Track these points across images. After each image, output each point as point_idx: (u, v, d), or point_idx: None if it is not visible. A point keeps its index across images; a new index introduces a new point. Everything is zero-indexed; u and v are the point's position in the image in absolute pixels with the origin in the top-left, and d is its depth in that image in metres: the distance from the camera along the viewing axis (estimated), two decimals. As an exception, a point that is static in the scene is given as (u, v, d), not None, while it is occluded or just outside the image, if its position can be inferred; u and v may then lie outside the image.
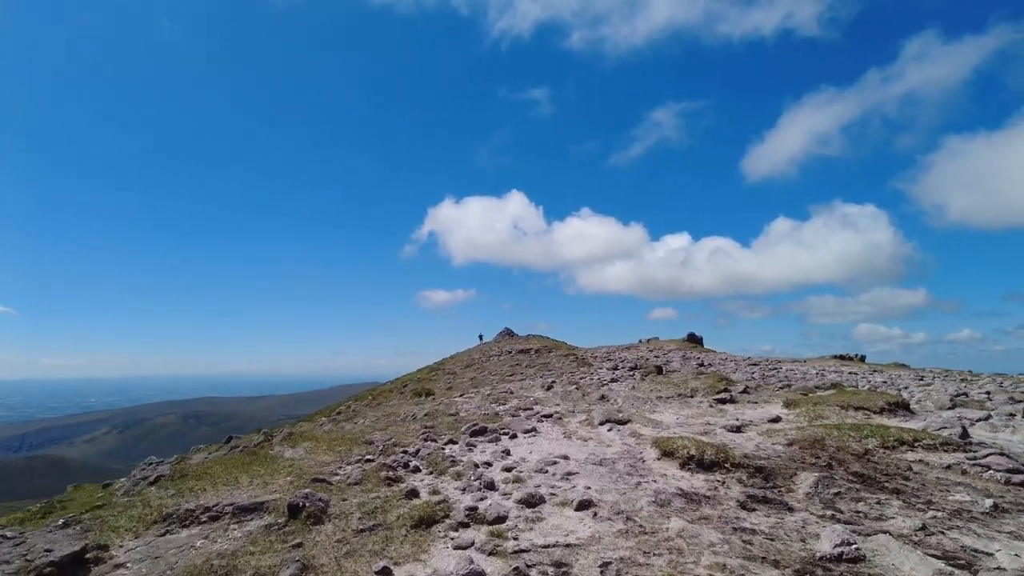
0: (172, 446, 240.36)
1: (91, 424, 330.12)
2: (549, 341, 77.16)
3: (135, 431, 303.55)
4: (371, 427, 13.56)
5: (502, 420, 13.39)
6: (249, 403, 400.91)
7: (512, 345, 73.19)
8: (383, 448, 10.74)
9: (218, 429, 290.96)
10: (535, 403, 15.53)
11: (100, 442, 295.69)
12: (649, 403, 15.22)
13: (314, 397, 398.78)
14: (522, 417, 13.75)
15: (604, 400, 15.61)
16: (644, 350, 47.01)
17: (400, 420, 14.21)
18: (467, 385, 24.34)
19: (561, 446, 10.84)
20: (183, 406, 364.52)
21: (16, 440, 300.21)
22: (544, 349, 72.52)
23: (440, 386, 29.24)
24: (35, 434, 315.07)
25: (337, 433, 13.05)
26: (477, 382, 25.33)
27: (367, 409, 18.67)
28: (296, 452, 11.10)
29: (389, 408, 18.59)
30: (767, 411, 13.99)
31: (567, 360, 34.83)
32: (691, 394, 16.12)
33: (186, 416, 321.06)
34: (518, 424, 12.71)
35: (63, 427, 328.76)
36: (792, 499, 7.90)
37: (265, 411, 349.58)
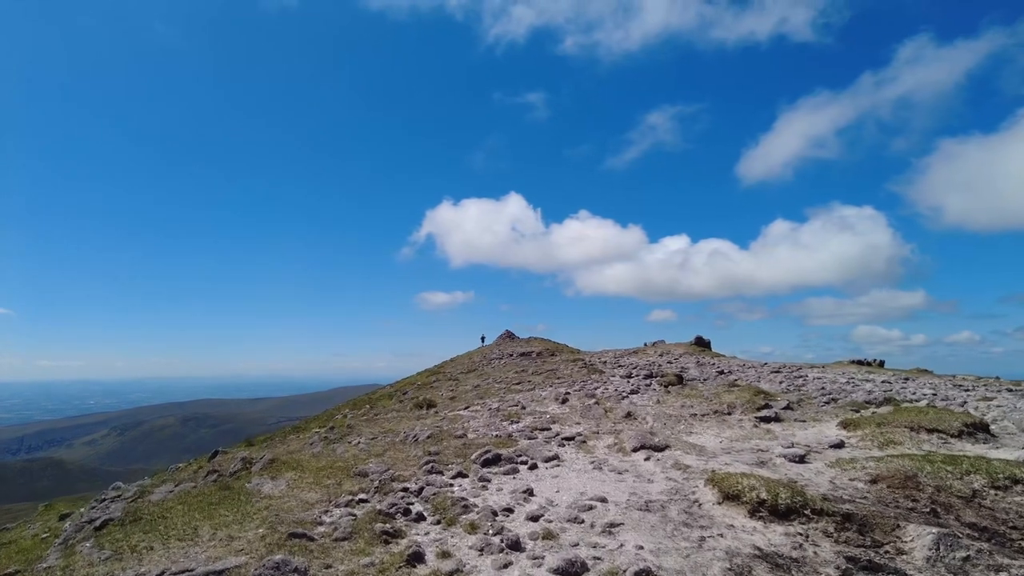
0: (171, 448, 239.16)
1: (90, 426, 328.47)
2: (551, 344, 75.32)
3: (134, 433, 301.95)
4: (366, 451, 11.76)
5: (517, 444, 11.57)
6: (248, 405, 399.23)
7: (513, 348, 71.29)
8: (379, 484, 8.92)
9: (217, 431, 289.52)
10: (552, 421, 13.71)
11: (99, 444, 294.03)
12: (683, 422, 13.41)
13: (312, 400, 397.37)
14: (540, 440, 11.93)
15: (631, 418, 13.79)
16: (653, 355, 45.13)
17: (400, 442, 12.40)
18: (472, 395, 22.51)
19: (594, 482, 9.03)
20: (182, 408, 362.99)
21: (15, 442, 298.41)
22: (547, 352, 70.66)
23: (442, 395, 27.43)
24: (34, 436, 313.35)
25: (327, 459, 11.25)
26: (482, 392, 23.52)
27: (364, 425, 16.87)
28: (276, 486, 9.31)
29: (387, 423, 16.77)
30: (822, 433, 12.17)
31: (575, 366, 32.97)
32: (728, 410, 14.31)
33: (185, 418, 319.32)
34: (537, 450, 10.90)
35: (62, 429, 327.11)
36: (909, 566, 6.08)
37: (264, 413, 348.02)
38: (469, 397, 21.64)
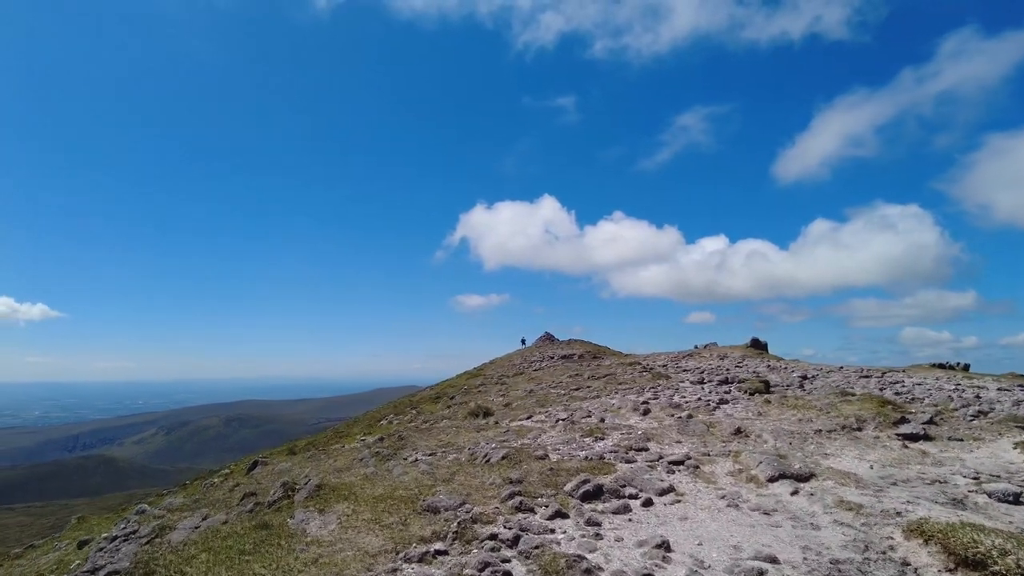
0: (215, 448, 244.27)
1: (139, 425, 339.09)
2: (592, 346, 72.75)
3: (180, 433, 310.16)
4: (430, 473, 9.71)
5: (615, 469, 9.35)
6: (289, 406, 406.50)
7: (554, 350, 69.01)
8: (458, 527, 6.82)
9: (259, 432, 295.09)
10: (646, 438, 11.42)
11: (148, 443, 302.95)
12: (810, 440, 10.96)
13: (351, 401, 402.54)
14: (641, 464, 9.68)
15: (742, 435, 11.41)
16: (711, 358, 42.14)
17: (468, 462, 10.31)
18: (531, 403, 20.35)
19: (740, 527, 6.75)
20: (226, 409, 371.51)
21: (71, 440, 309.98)
22: (588, 355, 68.20)
23: (493, 400, 25.37)
24: (88, 434, 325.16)
25: (384, 483, 9.24)
26: (541, 399, 21.34)
27: (417, 436, 14.88)
28: (326, 523, 7.33)
29: (444, 435, 14.75)
30: (999, 456, 9.60)
31: (633, 370, 30.43)
32: (856, 425, 11.80)
33: (229, 419, 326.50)
34: (644, 478, 8.67)
35: (114, 428, 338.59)
36: None
37: (304, 414, 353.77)
38: (528, 405, 19.48)
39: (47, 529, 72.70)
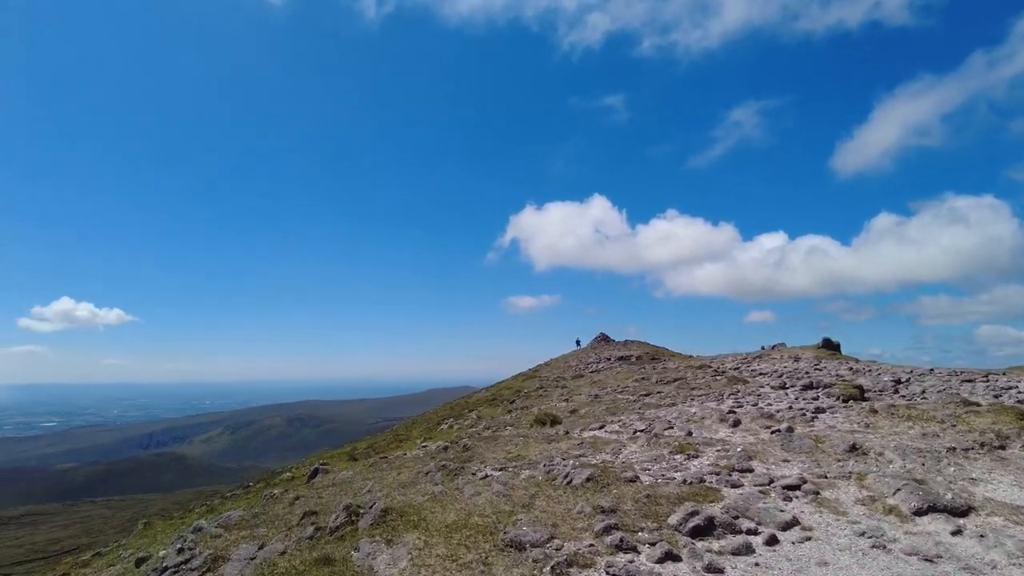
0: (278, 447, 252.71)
1: (206, 425, 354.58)
2: (650, 347, 70.48)
3: (245, 432, 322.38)
4: (505, 495, 8.66)
5: (722, 495, 8.05)
6: (348, 406, 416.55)
7: (611, 352, 67.19)
8: (552, 571, 5.73)
9: (320, 431, 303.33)
10: (747, 456, 10.01)
11: (215, 442, 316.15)
12: (945, 461, 9.32)
13: (407, 401, 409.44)
14: (750, 488, 8.33)
15: (859, 452, 9.86)
16: (785, 360, 39.66)
17: (546, 481, 9.20)
18: (599, 410, 19.08)
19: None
20: (288, 409, 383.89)
21: (145, 438, 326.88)
22: (647, 356, 66.01)
23: (556, 405, 24.21)
24: (161, 433, 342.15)
25: (455, 506, 8.26)
26: (610, 406, 20.04)
27: (483, 446, 13.91)
28: (395, 558, 6.40)
29: (512, 446, 13.72)
30: None
31: (705, 374, 28.65)
32: (999, 443, 10.04)
33: (290, 419, 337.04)
34: (759, 508, 7.36)
35: (183, 427, 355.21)
36: None
37: (363, 414, 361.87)
38: (598, 413, 18.21)
39: (125, 522, 76.08)
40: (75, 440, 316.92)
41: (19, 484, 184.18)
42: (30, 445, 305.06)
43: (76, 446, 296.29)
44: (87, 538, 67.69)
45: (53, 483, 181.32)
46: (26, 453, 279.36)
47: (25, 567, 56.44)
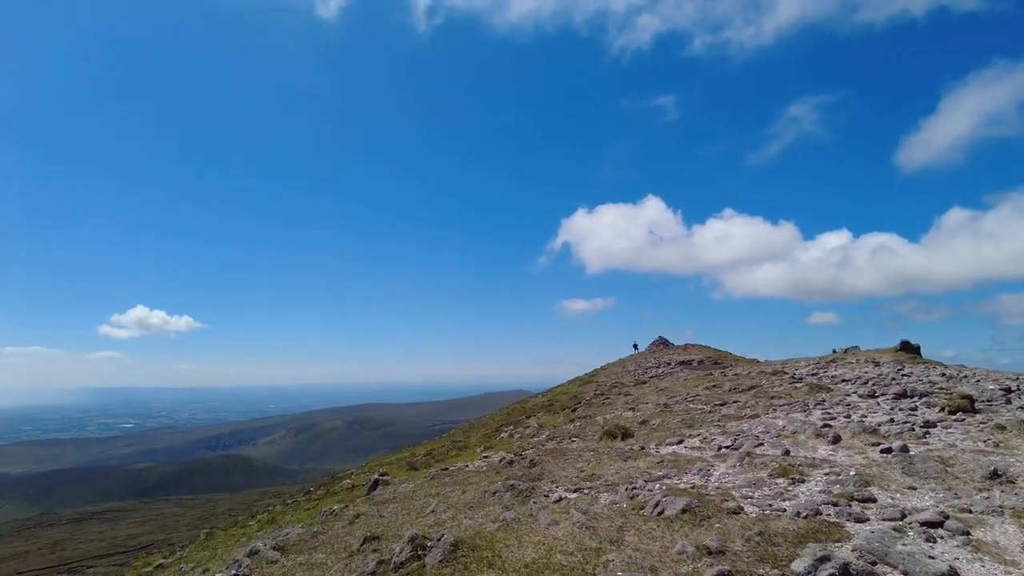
0: (339, 449, 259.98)
1: (270, 428, 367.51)
2: (712, 351, 67.62)
3: (307, 435, 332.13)
4: (587, 526, 7.63)
5: (848, 532, 6.76)
6: (405, 409, 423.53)
7: (671, 356, 64.80)
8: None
9: (379, 434, 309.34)
10: (863, 482, 8.60)
11: (278, 444, 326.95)
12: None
13: (462, 404, 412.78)
14: (880, 524, 7.00)
15: (1004, 481, 8.31)
16: (862, 364, 36.90)
17: (634, 511, 8.10)
18: (674, 422, 17.73)
19: None
20: (348, 412, 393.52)
21: (214, 440, 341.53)
22: (709, 360, 63.32)
23: (624, 415, 22.95)
24: (228, 435, 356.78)
25: (532, 540, 7.29)
26: (685, 418, 18.66)
27: (551, 461, 12.88)
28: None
29: (582, 463, 12.66)
30: None
31: (781, 380, 26.71)
32: None
33: (351, 422, 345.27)
34: (901, 552, 6.06)
35: (249, 430, 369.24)
36: None
37: (420, 417, 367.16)
38: (672, 425, 16.87)
39: (196, 520, 79.03)
40: (150, 441, 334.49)
41: (100, 482, 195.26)
42: (110, 445, 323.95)
43: (151, 447, 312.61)
44: (162, 535, 70.65)
45: (131, 481, 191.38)
46: (106, 453, 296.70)
47: (107, 560, 59.21)
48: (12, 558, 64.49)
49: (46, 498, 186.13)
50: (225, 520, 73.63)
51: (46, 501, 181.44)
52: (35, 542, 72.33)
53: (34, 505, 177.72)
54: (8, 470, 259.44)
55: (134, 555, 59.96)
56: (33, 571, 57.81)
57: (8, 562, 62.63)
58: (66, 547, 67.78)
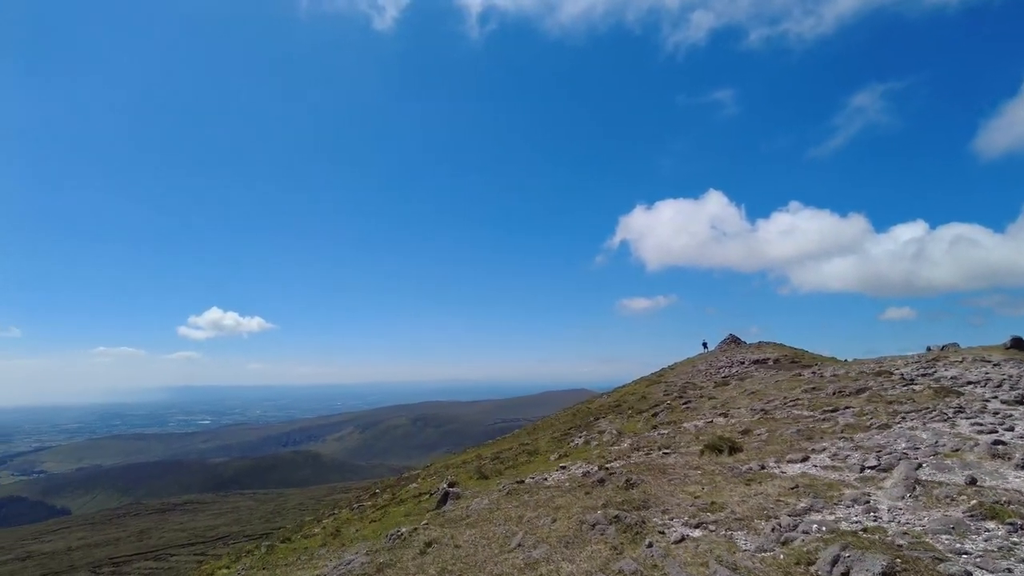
0: (404, 446, 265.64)
1: (338, 425, 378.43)
2: (788, 349, 63.10)
3: (373, 432, 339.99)
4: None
5: None
6: (468, 407, 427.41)
7: (744, 355, 60.81)
8: None
9: (441, 431, 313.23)
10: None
11: (346, 441, 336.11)
12: None
13: (522, 403, 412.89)
14: None
15: None
16: (972, 362, 32.64)
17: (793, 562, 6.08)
18: (788, 432, 15.24)
19: None
20: (412, 410, 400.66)
21: (284, 436, 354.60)
22: (785, 359, 58.87)
23: (716, 422, 20.55)
24: (297, 432, 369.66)
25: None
26: (798, 428, 16.16)
27: (651, 482, 10.85)
28: None
29: (695, 485, 10.59)
30: None
31: (891, 383, 23.44)
32: None
33: (415, 419, 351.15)
34: None
35: (318, 427, 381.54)
36: None
37: (482, 415, 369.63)
38: (787, 436, 14.41)
39: (268, 514, 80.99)
40: (225, 437, 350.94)
41: (181, 475, 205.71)
42: (188, 441, 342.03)
43: (226, 442, 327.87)
44: (237, 527, 72.81)
45: (208, 475, 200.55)
46: (185, 448, 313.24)
47: (188, 550, 61.38)
48: (105, 544, 68.05)
49: (134, 489, 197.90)
50: (295, 516, 75.09)
51: (134, 491, 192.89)
52: (124, 530, 76.05)
53: (123, 495, 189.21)
54: (100, 462, 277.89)
55: (212, 545, 62.06)
56: (124, 557, 60.88)
57: (101, 547, 65.98)
58: (152, 535, 70.91)
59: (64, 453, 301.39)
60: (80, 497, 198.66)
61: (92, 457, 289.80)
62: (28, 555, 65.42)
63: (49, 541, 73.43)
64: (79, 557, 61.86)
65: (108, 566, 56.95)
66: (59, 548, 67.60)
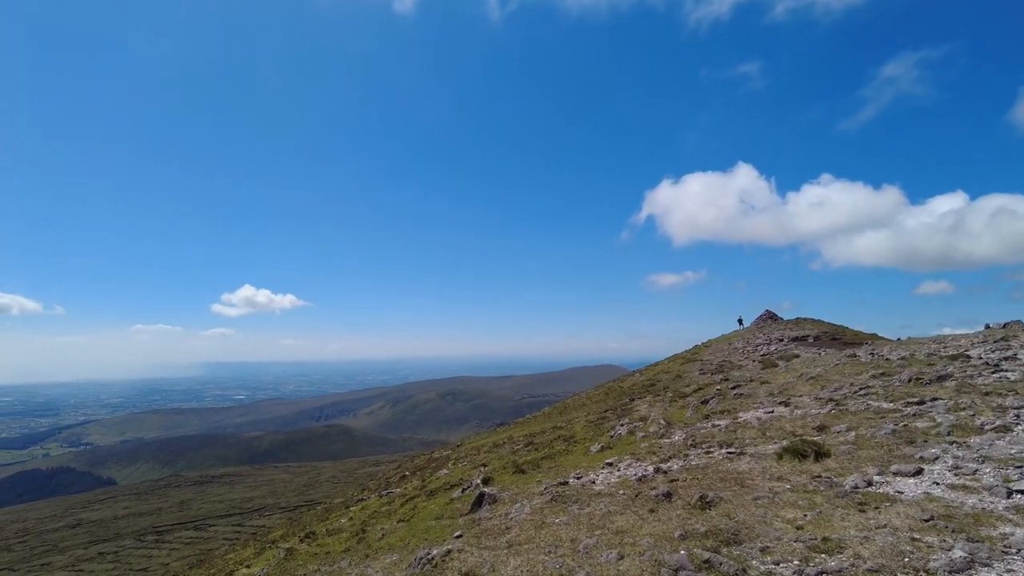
0: (433, 420, 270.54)
1: (369, 399, 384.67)
2: (827, 326, 60.04)
3: (403, 406, 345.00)
4: None
5: None
6: (496, 383, 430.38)
7: (782, 331, 57.94)
8: None
9: (470, 406, 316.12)
10: None
11: (377, 415, 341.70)
12: None
13: (550, 378, 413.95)
14: None
15: None
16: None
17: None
18: (879, 434, 13.11)
19: None
20: (441, 385, 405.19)
21: (317, 411, 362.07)
22: (825, 336, 55.93)
23: (779, 414, 18.42)
24: (330, 406, 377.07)
25: None
26: (890, 427, 13.97)
27: (730, 498, 8.89)
28: None
29: (790, 509, 8.63)
30: None
31: (972, 367, 20.84)
32: None
33: (444, 393, 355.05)
34: None
35: (349, 401, 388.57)
36: None
37: (510, 390, 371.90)
38: (879, 438, 12.23)
39: (302, 487, 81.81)
40: (259, 412, 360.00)
41: (218, 448, 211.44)
42: (225, 415, 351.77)
43: (260, 417, 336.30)
44: (272, 499, 73.83)
45: (244, 448, 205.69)
46: (222, 422, 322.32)
47: (227, 520, 62.50)
48: (148, 513, 70.37)
49: (174, 461, 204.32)
50: (327, 488, 75.63)
51: (174, 464, 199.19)
52: (166, 500, 78.25)
53: (164, 467, 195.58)
54: (142, 435, 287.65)
55: (248, 516, 63.14)
56: (166, 526, 63.01)
57: (145, 517, 68.04)
58: (192, 506, 72.79)
59: (108, 426, 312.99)
60: (124, 468, 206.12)
61: (134, 430, 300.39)
62: (78, 523, 68.41)
63: (97, 510, 76.17)
64: (125, 525, 64.45)
65: (152, 534, 58.99)
66: (106, 516, 70.37)
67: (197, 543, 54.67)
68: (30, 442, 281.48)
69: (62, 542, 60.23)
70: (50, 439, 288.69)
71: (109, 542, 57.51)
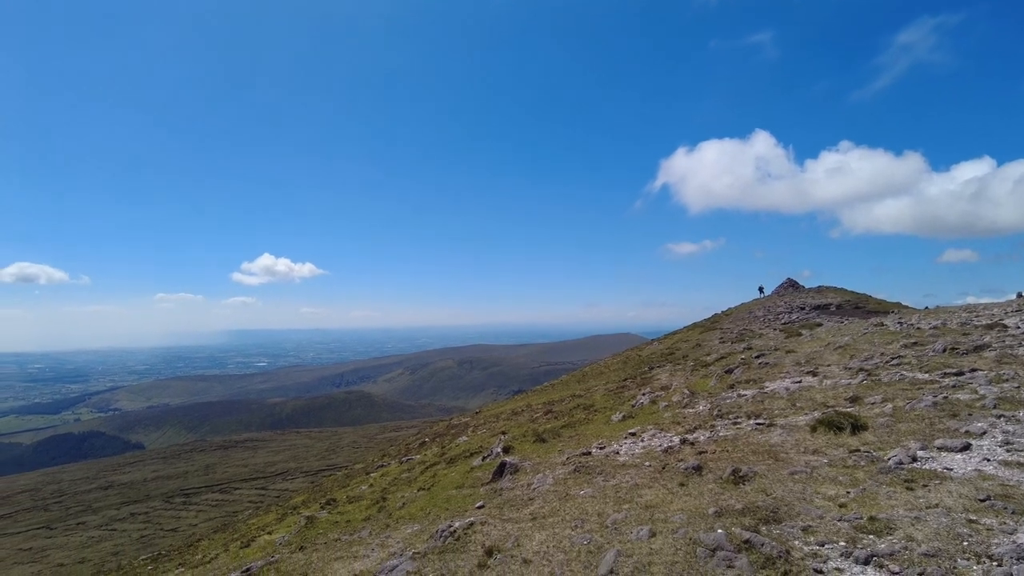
0: (451, 387, 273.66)
1: (388, 366, 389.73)
2: (850, 294, 58.83)
3: (422, 373, 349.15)
4: None
5: None
6: (513, 351, 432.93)
7: (803, 299, 56.93)
8: None
9: (487, 373, 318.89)
10: None
11: (396, 382, 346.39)
12: None
13: (566, 347, 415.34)
14: None
15: None
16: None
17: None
18: (919, 407, 12.58)
19: None
20: (459, 352, 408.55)
21: (337, 378, 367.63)
22: (848, 305, 54.91)
23: (804, 382, 17.87)
24: (350, 373, 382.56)
25: None
26: (930, 400, 13.38)
27: (765, 472, 8.46)
28: None
29: (831, 485, 8.16)
30: None
31: (1013, 337, 20.06)
32: None
33: (461, 361, 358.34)
34: None
35: (369, 368, 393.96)
36: None
37: (527, 358, 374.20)
38: (919, 411, 11.70)
39: (323, 451, 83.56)
40: (280, 378, 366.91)
41: (241, 414, 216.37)
42: (247, 382, 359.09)
43: (281, 383, 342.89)
44: (294, 463, 75.64)
45: (266, 415, 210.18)
46: (244, 388, 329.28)
47: (250, 484, 64.37)
48: (175, 477, 73.16)
49: (199, 426, 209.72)
50: (348, 453, 77.05)
51: (199, 429, 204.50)
52: (192, 464, 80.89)
53: (190, 432, 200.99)
54: (168, 401, 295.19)
55: (272, 480, 65.00)
56: (193, 488, 65.58)
57: (173, 480, 70.53)
58: (216, 470, 75.09)
59: (135, 392, 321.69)
60: (152, 433, 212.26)
61: (160, 396, 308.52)
62: (109, 485, 71.37)
63: (127, 472, 78.99)
64: (154, 487, 67.42)
65: (180, 496, 61.40)
66: (136, 479, 73.13)
67: (223, 505, 56.44)
68: (62, 407, 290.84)
69: (95, 503, 62.54)
70: (80, 404, 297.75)
71: (140, 503, 59.88)
